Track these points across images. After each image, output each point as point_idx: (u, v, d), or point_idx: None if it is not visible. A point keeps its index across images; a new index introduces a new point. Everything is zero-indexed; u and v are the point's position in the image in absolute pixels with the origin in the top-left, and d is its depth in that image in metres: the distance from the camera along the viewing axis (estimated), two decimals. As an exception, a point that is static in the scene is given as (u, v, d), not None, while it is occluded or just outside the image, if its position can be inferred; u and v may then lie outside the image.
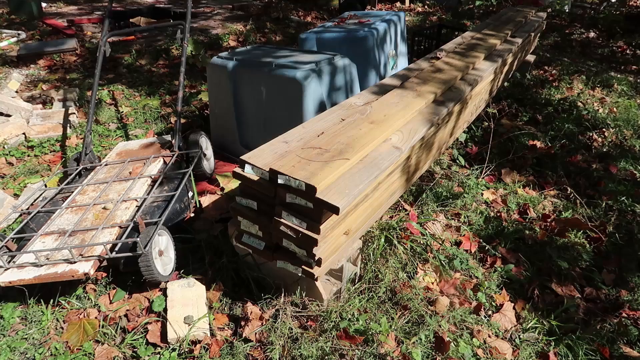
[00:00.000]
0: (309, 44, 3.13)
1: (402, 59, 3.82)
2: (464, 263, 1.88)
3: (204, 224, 2.02)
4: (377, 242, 1.80)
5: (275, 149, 1.42)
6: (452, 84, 2.14)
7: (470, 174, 2.51)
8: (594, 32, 6.50)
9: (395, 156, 1.47)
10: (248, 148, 2.31)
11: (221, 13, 6.55)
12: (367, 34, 3.10)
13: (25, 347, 1.47)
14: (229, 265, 1.73)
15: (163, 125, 3.05)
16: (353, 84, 2.52)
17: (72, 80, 3.70)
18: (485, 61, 2.61)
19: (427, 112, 1.83)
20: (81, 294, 1.67)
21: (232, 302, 1.65)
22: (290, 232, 1.33)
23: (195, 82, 3.82)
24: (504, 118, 3.29)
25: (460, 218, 2.17)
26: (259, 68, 2.30)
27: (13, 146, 2.68)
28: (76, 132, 2.89)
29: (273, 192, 1.34)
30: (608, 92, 4.17)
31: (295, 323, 1.52)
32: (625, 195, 2.42)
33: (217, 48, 4.80)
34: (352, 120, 1.63)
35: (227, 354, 1.45)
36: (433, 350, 1.50)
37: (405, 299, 1.66)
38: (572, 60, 5.18)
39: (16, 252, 1.56)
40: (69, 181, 2.07)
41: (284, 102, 2.26)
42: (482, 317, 1.66)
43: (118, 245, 1.55)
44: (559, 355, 1.53)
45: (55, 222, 1.74)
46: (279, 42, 5.30)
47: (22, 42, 4.56)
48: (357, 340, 1.46)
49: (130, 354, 1.47)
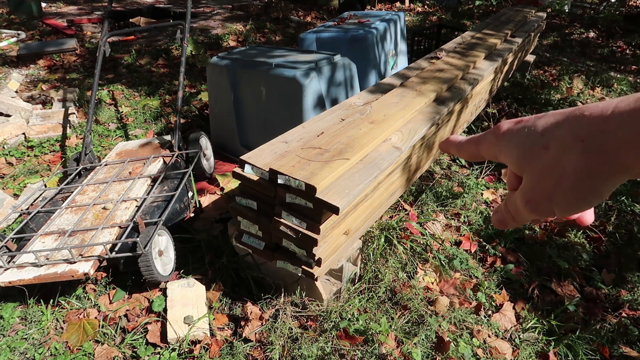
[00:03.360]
0: (308, 44, 3.13)
1: (402, 59, 3.82)
2: (463, 263, 1.88)
3: (204, 224, 2.02)
4: (377, 242, 1.80)
5: (275, 149, 1.42)
6: (452, 83, 2.14)
7: (470, 174, 2.51)
8: (593, 32, 6.50)
9: (395, 156, 1.47)
10: (248, 148, 2.31)
11: (221, 13, 6.55)
12: (367, 33, 3.10)
13: (25, 347, 1.47)
14: (229, 265, 1.73)
15: (163, 125, 3.05)
16: (353, 83, 2.52)
17: (72, 80, 3.70)
18: (485, 61, 2.61)
19: (428, 111, 1.83)
20: (81, 294, 1.67)
21: (232, 302, 1.65)
22: (290, 232, 1.33)
23: (195, 82, 3.82)
24: (503, 118, 3.29)
25: (460, 218, 2.17)
26: (259, 68, 2.30)
27: (13, 146, 2.68)
28: (76, 132, 2.89)
29: (273, 192, 1.34)
30: (608, 92, 4.17)
31: (295, 323, 1.52)
32: (624, 195, 2.42)
33: (217, 48, 4.80)
34: (352, 120, 1.63)
35: (227, 354, 1.45)
36: (433, 350, 1.50)
37: (405, 299, 1.66)
38: (571, 60, 5.19)
39: (16, 252, 1.56)
40: (68, 181, 2.07)
41: (284, 102, 2.26)
42: (482, 317, 1.66)
43: (118, 245, 1.55)
44: (558, 355, 1.53)
45: (55, 222, 1.74)
46: (279, 42, 5.30)
47: (22, 42, 4.56)
48: (357, 340, 1.46)
49: (130, 354, 1.47)
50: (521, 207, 0.35)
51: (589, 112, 0.30)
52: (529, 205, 0.34)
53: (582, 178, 0.30)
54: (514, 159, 0.35)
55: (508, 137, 0.35)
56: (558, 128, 0.31)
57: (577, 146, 0.30)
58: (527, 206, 0.34)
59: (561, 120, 0.32)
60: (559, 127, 0.31)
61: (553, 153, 0.31)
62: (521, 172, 0.35)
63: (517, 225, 0.38)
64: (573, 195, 0.31)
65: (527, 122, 0.34)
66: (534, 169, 0.33)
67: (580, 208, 0.32)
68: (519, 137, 0.34)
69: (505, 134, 0.36)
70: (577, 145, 0.30)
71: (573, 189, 0.31)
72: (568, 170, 0.30)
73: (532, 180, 0.33)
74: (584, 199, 0.31)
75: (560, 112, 0.32)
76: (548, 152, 0.32)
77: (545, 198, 0.32)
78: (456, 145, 0.43)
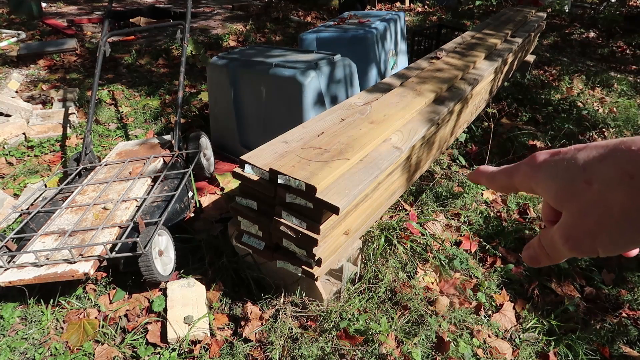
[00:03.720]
0: (308, 44, 3.13)
1: (402, 59, 3.82)
2: (464, 263, 1.88)
3: (204, 224, 2.02)
4: (377, 242, 1.80)
5: (275, 149, 1.42)
6: (452, 83, 2.14)
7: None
8: (593, 32, 6.50)
9: (395, 156, 1.47)
10: (248, 148, 2.31)
11: (221, 13, 6.55)
12: (367, 33, 3.10)
13: (25, 347, 1.47)
14: (229, 265, 1.73)
15: (163, 125, 3.05)
16: (353, 83, 2.52)
17: (72, 80, 3.70)
18: (485, 61, 2.61)
19: (428, 111, 1.83)
20: (81, 294, 1.67)
21: (232, 302, 1.65)
22: (290, 232, 1.33)
23: (195, 82, 3.82)
24: (503, 118, 3.29)
25: (460, 218, 2.17)
26: (259, 68, 2.30)
27: (13, 146, 2.68)
28: (76, 132, 2.89)
29: (273, 192, 1.34)
30: (608, 92, 4.17)
31: (295, 323, 1.52)
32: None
33: (217, 48, 4.80)
34: (352, 120, 1.63)
35: (227, 354, 1.45)
36: (433, 350, 1.50)
37: (405, 299, 1.66)
38: (571, 60, 5.19)
39: (16, 252, 1.56)
40: (68, 181, 2.07)
41: (284, 102, 2.26)
42: (482, 317, 1.66)
43: (118, 245, 1.55)
44: (559, 355, 1.53)
45: (55, 222, 1.74)
46: (279, 42, 5.30)
47: (22, 42, 4.56)
48: (357, 340, 1.46)
49: (130, 354, 1.47)
50: (559, 245, 0.33)
51: (636, 146, 0.28)
52: (568, 243, 0.32)
53: (630, 216, 0.28)
54: (553, 193, 0.33)
55: (545, 169, 0.34)
56: (602, 163, 0.30)
57: (625, 183, 0.28)
58: (566, 244, 0.32)
59: (605, 154, 0.30)
60: (604, 161, 0.30)
61: (597, 189, 0.30)
62: (560, 207, 0.33)
63: (552, 263, 0.36)
64: (620, 234, 0.29)
65: (566, 154, 0.33)
66: (575, 205, 0.31)
67: (627, 248, 0.30)
68: (558, 170, 0.33)
69: (542, 166, 0.34)
70: (624, 182, 0.28)
71: (620, 228, 0.29)
72: (614, 208, 0.29)
73: (573, 217, 0.31)
74: (632, 238, 0.29)
75: (603, 144, 0.31)
76: (591, 187, 0.30)
77: (588, 237, 0.31)
78: (487, 176, 0.41)
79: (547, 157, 0.34)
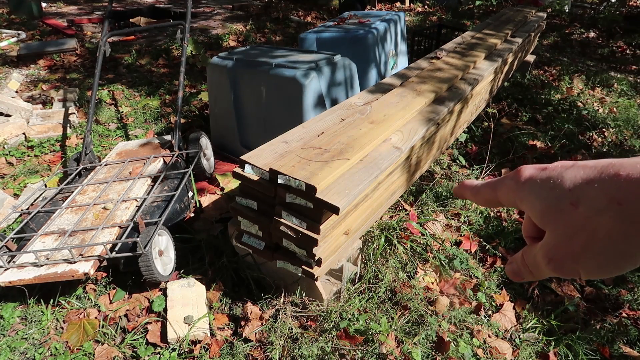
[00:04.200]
0: (308, 44, 3.13)
1: (402, 59, 3.82)
2: (464, 263, 1.88)
3: (204, 224, 2.02)
4: (377, 242, 1.80)
5: (275, 149, 1.42)
6: (452, 83, 2.14)
7: (470, 174, 2.51)
8: (593, 32, 6.50)
9: (395, 156, 1.47)
10: (248, 148, 2.31)
11: (221, 13, 6.55)
12: (367, 33, 3.10)
13: (25, 347, 1.47)
14: (229, 265, 1.73)
15: (163, 125, 3.05)
16: (353, 83, 2.52)
17: (72, 80, 3.70)
18: (485, 61, 2.61)
19: (428, 111, 1.83)
20: (81, 294, 1.67)
21: (232, 302, 1.65)
22: (290, 232, 1.33)
23: (195, 82, 3.82)
24: (504, 118, 3.29)
25: (460, 218, 2.17)
26: (259, 68, 2.30)
27: (13, 146, 2.68)
28: (76, 132, 2.89)
29: (273, 192, 1.34)
30: (608, 92, 4.17)
31: (295, 323, 1.52)
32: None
33: (217, 48, 4.80)
34: (352, 120, 1.63)
35: (227, 354, 1.45)
36: (433, 350, 1.50)
37: (405, 299, 1.66)
38: (572, 60, 5.19)
39: (16, 252, 1.56)
40: (69, 181, 2.07)
41: (284, 102, 2.26)
42: (482, 317, 1.66)
43: (118, 245, 1.55)
44: (559, 355, 1.53)
45: (55, 222, 1.74)
46: (279, 42, 5.30)
47: (22, 42, 4.56)
48: (357, 340, 1.46)
49: (130, 354, 1.47)
50: (542, 265, 0.33)
51: (625, 172, 0.28)
52: (551, 264, 0.32)
53: (616, 242, 0.28)
54: (537, 211, 0.32)
55: (530, 186, 0.33)
56: (589, 186, 0.29)
57: (612, 209, 0.28)
58: (549, 264, 0.32)
59: (593, 177, 0.29)
60: (591, 185, 0.29)
61: (583, 212, 0.29)
62: (544, 227, 0.32)
63: (535, 279, 0.35)
64: (605, 259, 0.29)
65: (553, 172, 0.32)
66: (560, 226, 0.31)
67: (610, 273, 0.30)
68: (543, 188, 0.32)
69: (527, 182, 0.33)
70: (612, 208, 0.28)
71: (605, 254, 0.29)
72: (600, 233, 0.28)
73: (557, 238, 0.31)
74: (616, 264, 0.29)
75: (591, 165, 0.30)
76: (577, 210, 0.29)
77: (572, 259, 0.30)
78: (472, 190, 0.40)
79: (533, 173, 0.33)
